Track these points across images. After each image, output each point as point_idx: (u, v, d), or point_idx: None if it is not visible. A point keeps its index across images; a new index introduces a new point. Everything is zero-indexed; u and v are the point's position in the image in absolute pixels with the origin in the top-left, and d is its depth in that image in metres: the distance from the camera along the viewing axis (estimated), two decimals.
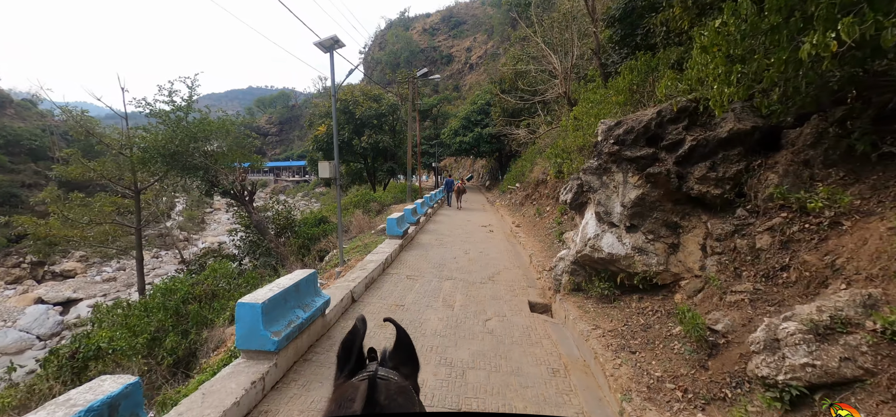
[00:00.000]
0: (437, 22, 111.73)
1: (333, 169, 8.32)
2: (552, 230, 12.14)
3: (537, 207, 15.79)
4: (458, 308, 6.67)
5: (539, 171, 17.51)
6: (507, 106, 23.44)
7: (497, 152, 36.01)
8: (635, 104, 8.34)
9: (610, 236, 5.85)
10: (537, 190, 17.66)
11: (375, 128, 26.26)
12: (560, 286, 6.90)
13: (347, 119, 26.52)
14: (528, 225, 14.83)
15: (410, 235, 12.63)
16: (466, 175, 50.86)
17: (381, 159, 28.67)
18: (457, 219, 17.88)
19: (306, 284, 4.85)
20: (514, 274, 8.94)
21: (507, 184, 26.20)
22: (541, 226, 13.53)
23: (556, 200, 14.18)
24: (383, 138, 26.09)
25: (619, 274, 5.92)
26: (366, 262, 8.37)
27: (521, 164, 23.38)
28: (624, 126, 5.68)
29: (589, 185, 6.13)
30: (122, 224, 13.53)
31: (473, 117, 34.19)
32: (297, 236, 14.14)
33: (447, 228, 15.06)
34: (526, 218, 16.25)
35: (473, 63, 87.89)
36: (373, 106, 26.20)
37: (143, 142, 10.98)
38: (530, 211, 16.87)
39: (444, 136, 35.89)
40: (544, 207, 15.25)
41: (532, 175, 18.70)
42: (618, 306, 5.86)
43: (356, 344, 0.91)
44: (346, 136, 26.24)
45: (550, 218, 13.63)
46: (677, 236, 5.46)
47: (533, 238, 12.44)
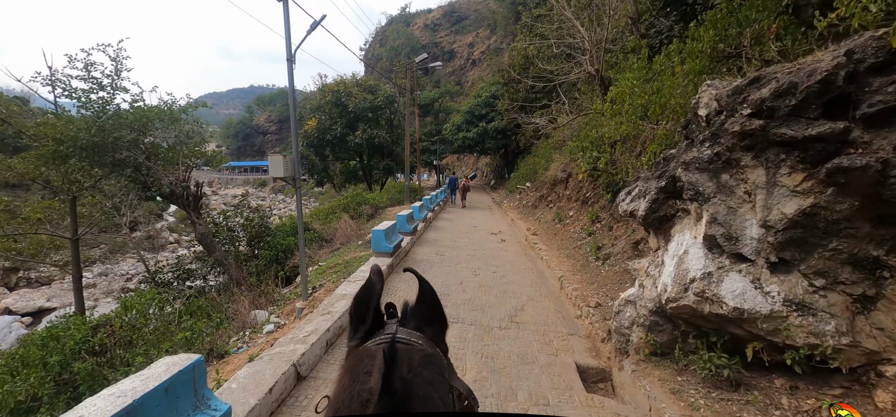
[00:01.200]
0: (439, 17, 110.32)
1: (290, 165, 5.84)
2: (583, 242, 9.64)
3: (556, 211, 13.31)
4: (470, 386, 4.21)
5: (557, 169, 15.04)
6: (517, 94, 20.95)
7: (502, 148, 33.52)
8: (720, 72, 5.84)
9: (737, 278, 3.36)
10: (554, 190, 15.18)
11: (371, 121, 23.78)
12: (628, 345, 4.41)
13: (340, 112, 24.05)
14: (547, 232, 12.36)
15: (404, 249, 10.17)
16: (470, 173, 48.43)
17: (377, 156, 26.18)
18: (461, 224, 15.43)
19: (168, 400, 2.37)
20: (544, 310, 6.45)
21: (516, 182, 23.72)
22: (564, 236, 11.04)
23: (583, 203, 11.68)
24: (379, 133, 23.59)
25: (751, 341, 3.44)
26: (334, 299, 5.85)
27: (532, 161, 20.87)
28: (769, 84, 3.18)
29: (693, 190, 3.62)
30: (56, 233, 11.13)
31: (478, 111, 31.70)
32: (270, 248, 11.72)
33: (450, 236, 12.58)
34: (542, 224, 13.77)
35: (476, 59, 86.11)
36: (368, 98, 23.72)
37: (55, 132, 8.55)
38: (547, 215, 14.39)
39: (447, 132, 33.40)
40: (566, 211, 12.77)
41: (548, 173, 16.21)
42: (749, 397, 3.38)
43: (372, 300, 0.78)
44: (338, 131, 23.79)
45: (576, 225, 11.15)
46: (877, 284, 2.98)
47: (557, 251, 9.95)
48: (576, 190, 12.69)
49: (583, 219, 10.85)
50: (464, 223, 15.85)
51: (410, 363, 0.66)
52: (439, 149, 36.14)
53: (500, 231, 13.69)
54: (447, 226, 14.92)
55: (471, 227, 14.70)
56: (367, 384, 0.61)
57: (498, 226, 14.91)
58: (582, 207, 11.58)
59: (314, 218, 15.10)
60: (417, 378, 0.63)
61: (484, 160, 47.70)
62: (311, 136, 24.20)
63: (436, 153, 36.02)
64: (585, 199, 11.38)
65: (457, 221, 16.11)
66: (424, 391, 0.62)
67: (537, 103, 20.37)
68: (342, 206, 16.06)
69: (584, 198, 11.49)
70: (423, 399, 0.61)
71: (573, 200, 12.69)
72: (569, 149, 11.32)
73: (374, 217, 16.30)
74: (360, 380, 0.63)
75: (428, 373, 0.66)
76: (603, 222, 9.68)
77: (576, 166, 11.91)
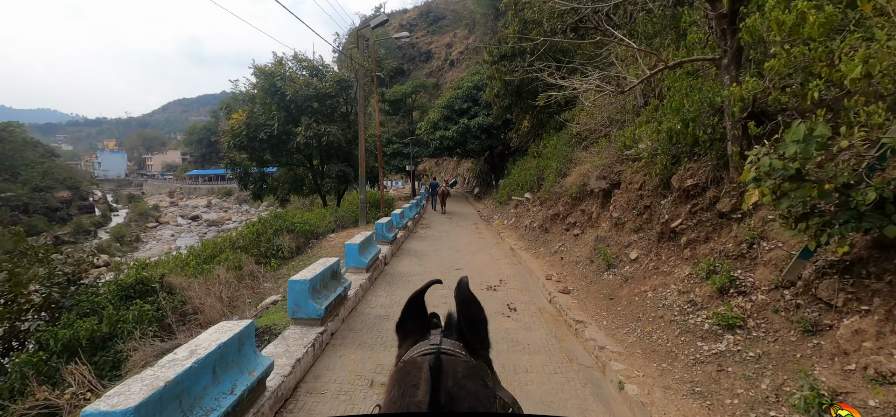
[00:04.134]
0: (415, 18, 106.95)
1: None
2: (696, 330, 4.19)
3: (594, 244, 7.89)
4: None
5: (583, 175, 9.67)
6: (513, 74, 15.49)
7: (488, 150, 28.14)
8: None
9: None
10: (580, 207, 9.78)
11: (317, 114, 18.01)
12: None
13: (277, 102, 18.17)
14: (588, 287, 6.95)
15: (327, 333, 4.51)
16: (450, 179, 42.95)
17: (334, 160, 20.33)
18: (437, 259, 9.88)
19: None
20: None
21: (508, 191, 18.33)
22: (633, 303, 5.62)
23: (664, 239, 6.20)
24: (330, 130, 17.78)
25: None
26: None
27: (534, 165, 15.42)
28: None
29: None
30: None
31: (458, 105, 26.27)
32: (58, 335, 5.90)
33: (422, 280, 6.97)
34: (569, 264, 8.31)
35: (455, 59, 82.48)
36: (312, 83, 17.98)
37: None
38: (574, 247, 8.95)
39: (421, 132, 27.81)
40: (617, 248, 7.36)
41: (566, 180, 10.83)
42: None
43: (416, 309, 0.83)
44: (275, 127, 17.89)
45: (655, 282, 5.71)
46: None
47: (642, 357, 4.50)
48: (633, 210, 7.25)
49: (677, 273, 5.39)
50: (442, 258, 10.26)
51: (455, 376, 0.66)
52: (413, 151, 30.49)
53: (500, 280, 8.12)
54: (422, 256, 9.32)
55: (451, 267, 9.13)
56: (415, 397, 0.62)
57: (494, 264, 9.37)
58: (661, 247, 6.12)
59: (186, 266, 9.04)
60: (462, 392, 0.64)
61: (466, 165, 42.33)
62: (237, 134, 18.19)
63: (409, 157, 30.34)
64: (670, 233, 5.92)
65: (430, 256, 10.47)
66: (470, 404, 0.63)
67: (537, 82, 14.98)
68: (249, 237, 10.20)
69: (666, 229, 6.03)
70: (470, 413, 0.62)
71: (628, 228, 7.23)
72: (637, 134, 5.92)
73: (304, 251, 10.57)
74: (409, 393, 0.64)
75: (473, 385, 0.67)
76: (757, 295, 4.23)
77: (647, 170, 6.53)
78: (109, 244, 45.61)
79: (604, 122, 9.35)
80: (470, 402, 0.63)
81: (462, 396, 0.63)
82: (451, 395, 0.62)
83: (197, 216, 64.29)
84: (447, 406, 0.59)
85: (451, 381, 0.64)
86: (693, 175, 5.61)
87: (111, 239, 46.86)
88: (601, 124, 9.57)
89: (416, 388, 0.64)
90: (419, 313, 0.83)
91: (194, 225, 55.30)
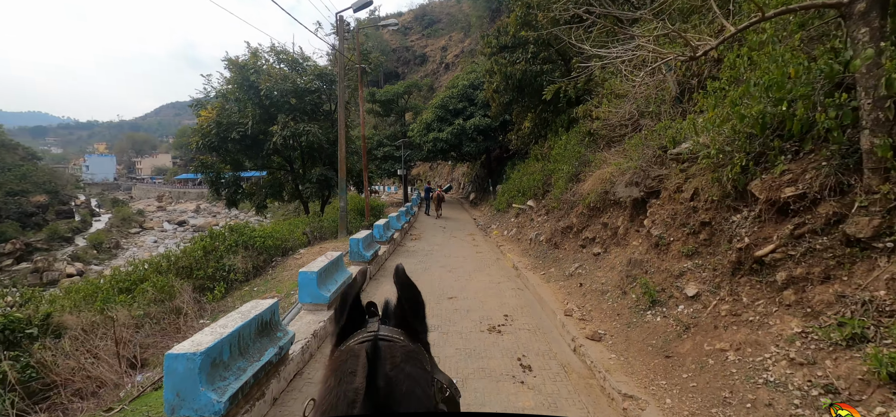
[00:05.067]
0: (410, 21, 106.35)
1: None
2: None
3: (636, 275, 6.09)
4: None
5: (599, 181, 7.89)
6: (514, 66, 13.71)
7: (484, 154, 26.40)
8: None
9: None
10: (599, 219, 7.98)
11: (296, 112, 16.13)
12: None
13: (251, 98, 16.27)
14: (618, 322, 5.16)
15: None
16: (444, 184, 41.18)
17: (310, 162, 18.42)
18: (431, 283, 8.05)
19: None
20: None
21: (507, 197, 16.56)
22: (698, 362, 3.84)
23: (741, 270, 4.37)
24: (310, 129, 15.88)
25: None
26: None
27: (539, 169, 13.60)
28: None
29: None
30: None
31: (452, 105, 24.51)
32: None
33: None
34: (594, 296, 6.49)
35: (450, 62, 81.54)
36: (290, 76, 16.11)
37: None
38: (595, 271, 7.14)
39: (413, 133, 25.98)
40: (663, 279, 5.56)
41: (581, 187, 9.03)
42: None
43: (350, 296, 0.78)
44: (249, 127, 15.99)
45: (746, 338, 3.92)
46: None
47: None
48: (683, 227, 5.43)
49: (777, 327, 3.57)
50: (433, 281, 8.39)
51: (393, 360, 0.66)
52: (405, 154, 28.65)
53: (506, 315, 6.28)
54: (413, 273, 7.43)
55: (443, 295, 7.28)
56: (352, 384, 0.61)
57: (495, 290, 7.53)
58: (738, 283, 4.29)
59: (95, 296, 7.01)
60: (400, 375, 0.64)
61: (461, 169, 40.57)
62: (207, 134, 16.25)
63: (400, 160, 28.49)
64: (754, 265, 4.09)
65: (418, 279, 8.61)
66: (407, 386, 0.63)
67: (543, 76, 13.19)
68: (195, 256, 8.26)
69: (746, 258, 4.21)
70: (407, 395, 0.62)
71: (676, 251, 5.41)
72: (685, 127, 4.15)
73: (266, 272, 8.68)
74: (346, 380, 0.63)
75: (410, 368, 0.67)
76: None
77: (708, 174, 4.73)
78: (86, 251, 43.35)
79: (630, 116, 7.56)
80: (408, 385, 0.63)
81: (400, 379, 0.63)
82: (389, 379, 0.61)
83: (184, 221, 62.11)
84: (385, 390, 0.60)
85: (389, 365, 0.64)
86: (795, 180, 3.82)
87: (88, 246, 44.59)
88: (625, 119, 7.78)
89: (354, 375, 0.62)
90: (355, 305, 0.79)
91: (180, 231, 53.10)
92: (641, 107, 7.25)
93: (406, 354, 0.69)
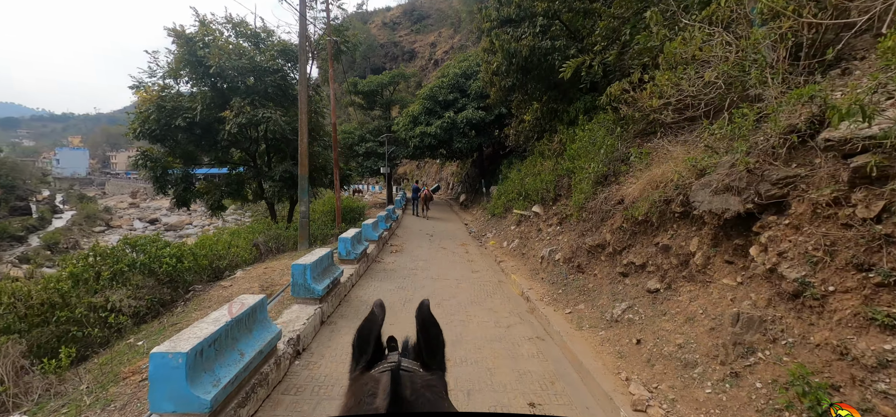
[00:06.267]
0: (399, 16, 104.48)
1: None
2: None
3: (781, 362, 3.68)
4: None
5: (652, 184, 5.48)
6: (520, 42, 11.20)
7: (476, 151, 23.90)
8: None
9: None
10: (653, 239, 5.56)
11: (254, 94, 13.39)
12: None
13: (199, 76, 13.49)
14: None
15: None
16: (433, 184, 38.58)
17: (277, 157, 15.66)
18: (411, 327, 5.58)
19: None
20: None
21: (504, 200, 14.12)
22: None
23: None
24: (270, 116, 13.15)
25: None
26: None
27: (550, 168, 11.10)
28: None
29: None
30: None
31: (442, 96, 21.96)
32: None
33: None
34: (662, 358, 4.04)
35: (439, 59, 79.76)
36: (247, 51, 13.39)
37: None
38: (657, 320, 4.70)
39: (399, 128, 23.36)
40: (828, 354, 3.15)
41: (620, 191, 6.58)
42: None
43: (374, 332, 0.78)
44: (198, 113, 13.21)
45: None
46: None
47: None
48: (850, 267, 3.03)
49: None
50: (413, 319, 5.89)
51: (413, 386, 0.66)
52: (389, 151, 25.99)
53: (531, 404, 3.80)
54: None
55: None
56: (373, 403, 0.61)
57: (505, 342, 5.02)
58: None
59: None
60: (421, 399, 0.64)
61: (450, 168, 38.01)
62: (146, 119, 13.38)
63: (384, 158, 25.82)
64: None
65: (394, 318, 6.05)
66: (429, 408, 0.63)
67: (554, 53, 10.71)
68: (57, 291, 5.54)
69: None
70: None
71: (845, 308, 3.02)
72: None
73: (175, 306, 6.04)
74: (366, 401, 0.63)
75: (430, 395, 0.66)
76: None
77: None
78: (38, 252, 39.67)
79: (707, 92, 5.11)
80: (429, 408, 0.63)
81: (421, 402, 0.63)
82: (409, 403, 0.61)
83: (156, 219, 58.42)
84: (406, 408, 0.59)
85: (410, 391, 0.63)
86: None
87: (41, 246, 40.91)
88: (700, 94, 5.33)
89: (374, 397, 0.62)
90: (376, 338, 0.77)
91: (151, 230, 49.58)
92: (731, 74, 4.79)
93: (426, 382, 0.69)
